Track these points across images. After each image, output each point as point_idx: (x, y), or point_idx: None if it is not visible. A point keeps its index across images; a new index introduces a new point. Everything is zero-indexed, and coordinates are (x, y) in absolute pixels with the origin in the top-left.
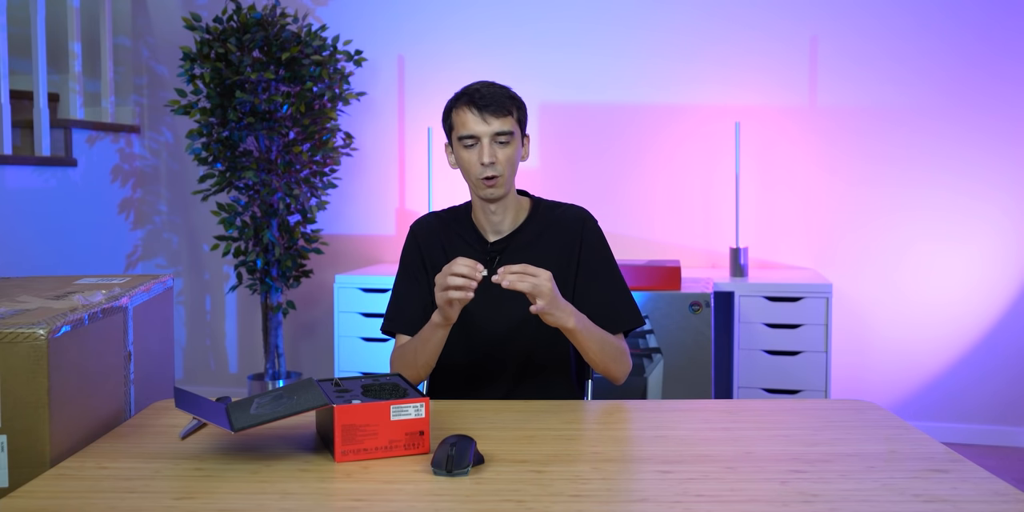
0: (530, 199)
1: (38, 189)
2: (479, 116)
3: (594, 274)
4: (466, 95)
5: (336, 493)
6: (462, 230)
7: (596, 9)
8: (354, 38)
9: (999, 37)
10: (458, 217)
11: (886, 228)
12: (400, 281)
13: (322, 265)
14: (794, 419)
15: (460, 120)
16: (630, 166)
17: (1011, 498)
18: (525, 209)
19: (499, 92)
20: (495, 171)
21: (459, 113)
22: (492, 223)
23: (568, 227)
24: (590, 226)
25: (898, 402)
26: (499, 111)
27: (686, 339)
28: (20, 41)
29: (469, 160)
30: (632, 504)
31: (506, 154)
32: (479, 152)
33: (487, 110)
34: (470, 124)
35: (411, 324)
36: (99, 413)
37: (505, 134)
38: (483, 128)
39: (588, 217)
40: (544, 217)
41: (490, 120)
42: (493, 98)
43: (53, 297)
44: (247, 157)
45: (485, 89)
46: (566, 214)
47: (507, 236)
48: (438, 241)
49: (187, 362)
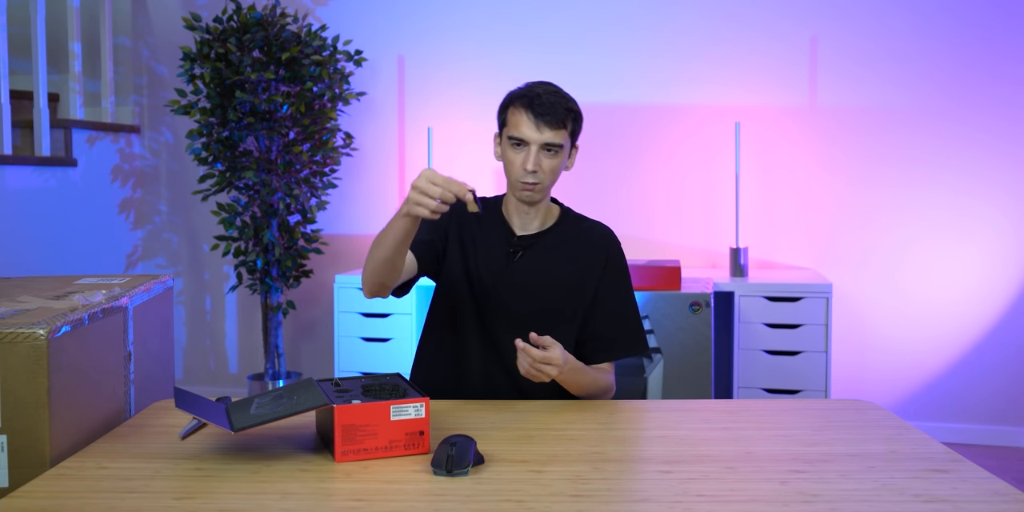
0: (559, 207)
1: (38, 189)
2: (533, 123)
3: (614, 299)
4: (527, 96)
5: (336, 493)
6: (493, 217)
7: (596, 9)
8: (354, 38)
9: (999, 38)
10: (491, 205)
11: (886, 228)
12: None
13: (322, 265)
14: (794, 419)
15: (515, 120)
16: (630, 166)
17: (1011, 498)
18: (554, 215)
19: (559, 103)
20: (536, 179)
21: (515, 113)
22: (522, 220)
23: (595, 242)
24: (616, 246)
25: (898, 402)
26: (554, 123)
27: (686, 339)
28: (20, 41)
29: (513, 160)
30: (632, 504)
31: (551, 164)
32: (525, 156)
33: (542, 119)
34: (522, 128)
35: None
36: (99, 413)
37: (555, 146)
38: (535, 135)
39: (614, 238)
40: (572, 227)
41: (543, 129)
42: (552, 108)
43: (53, 297)
44: (247, 157)
45: (547, 96)
46: (594, 229)
47: (534, 235)
48: (469, 221)
49: (187, 362)
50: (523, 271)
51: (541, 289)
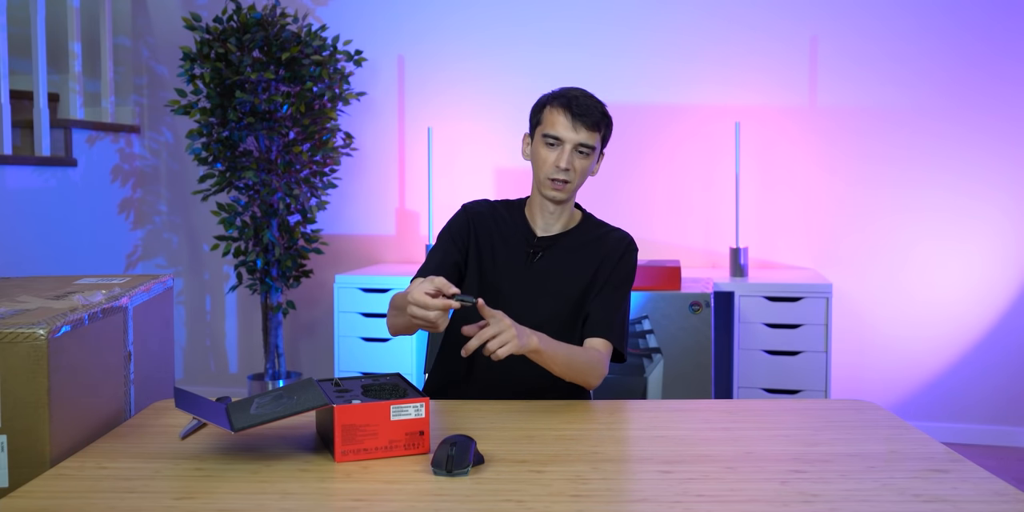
0: (582, 212)
1: (38, 189)
2: (571, 122)
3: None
4: (565, 97)
5: (336, 493)
6: (513, 219)
7: (596, 9)
8: (354, 38)
9: (999, 38)
10: (512, 207)
11: (886, 228)
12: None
13: (322, 265)
14: (794, 419)
15: (551, 119)
16: (630, 166)
17: (1011, 498)
18: (576, 219)
19: (596, 106)
20: (567, 177)
21: (553, 111)
22: (545, 221)
23: (612, 245)
24: (630, 251)
25: (898, 402)
26: (590, 124)
27: (686, 339)
28: (20, 41)
29: (546, 158)
30: (632, 504)
31: (582, 165)
32: (558, 154)
33: (580, 119)
34: (559, 127)
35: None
36: (99, 413)
37: (588, 147)
38: (571, 135)
39: (632, 244)
40: (592, 232)
41: (580, 129)
42: (589, 110)
43: (53, 297)
44: (247, 157)
45: (583, 99)
46: (613, 233)
47: (554, 236)
48: (490, 222)
49: (187, 362)
50: (541, 271)
51: (557, 289)
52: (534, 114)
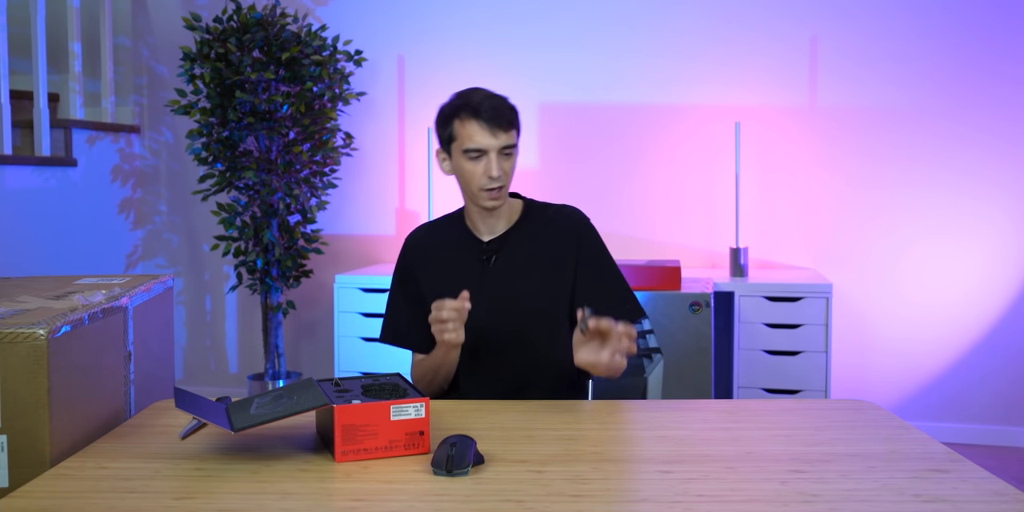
0: (522, 200)
1: (38, 189)
2: (488, 130)
3: (597, 272)
4: (469, 106)
5: (336, 493)
6: (456, 234)
7: (597, 9)
8: (354, 38)
9: (1000, 38)
10: (452, 222)
11: (886, 228)
12: (393, 295)
13: (322, 265)
14: (794, 419)
15: (466, 132)
16: (630, 166)
17: (1011, 498)
18: (517, 210)
19: (502, 104)
20: (500, 183)
21: (465, 125)
22: (487, 225)
23: (563, 227)
24: (585, 225)
25: (898, 402)
26: (506, 124)
27: (686, 339)
28: (20, 41)
29: (473, 171)
30: (632, 504)
31: (509, 165)
32: (486, 165)
33: (494, 123)
34: (477, 138)
35: (405, 336)
36: (99, 413)
37: (511, 147)
38: (492, 142)
39: (582, 216)
40: (537, 217)
41: (498, 134)
42: (499, 111)
43: (53, 297)
44: (247, 157)
45: (488, 101)
46: (559, 214)
47: (501, 236)
48: (429, 252)
49: (187, 362)
50: (500, 274)
51: (523, 286)
52: (442, 129)
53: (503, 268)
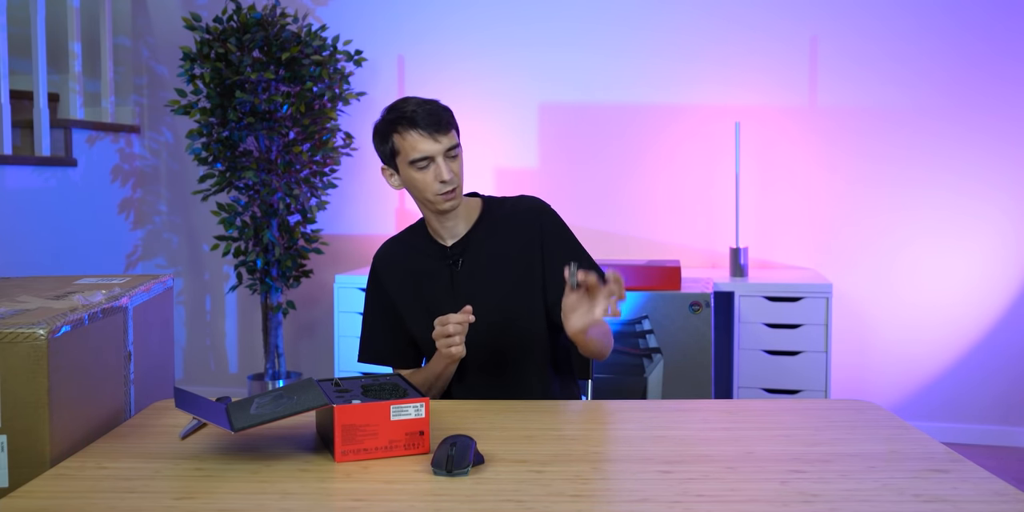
0: (480, 199)
1: (38, 189)
2: (429, 137)
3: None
4: (405, 118)
5: (336, 493)
6: (420, 244)
7: (596, 9)
8: (354, 38)
9: (1000, 37)
10: (414, 233)
11: (886, 228)
12: (367, 314)
13: (322, 265)
14: (794, 419)
15: (408, 144)
16: (630, 166)
17: (1011, 498)
18: (476, 209)
19: (436, 108)
20: (453, 185)
21: (405, 137)
22: (447, 229)
23: (523, 219)
24: (547, 213)
25: (898, 402)
26: (444, 128)
27: (686, 339)
28: (20, 41)
29: (424, 180)
30: (632, 504)
31: (457, 166)
32: (435, 171)
33: (434, 128)
34: (421, 146)
35: (386, 354)
36: (99, 413)
37: (454, 148)
38: (435, 147)
39: (542, 205)
40: (496, 213)
41: (440, 138)
42: (435, 116)
43: (53, 297)
44: (247, 157)
45: (421, 108)
46: (518, 206)
47: (463, 238)
48: (397, 266)
49: (187, 362)
50: (470, 275)
51: (495, 284)
52: (382, 145)
53: (471, 269)
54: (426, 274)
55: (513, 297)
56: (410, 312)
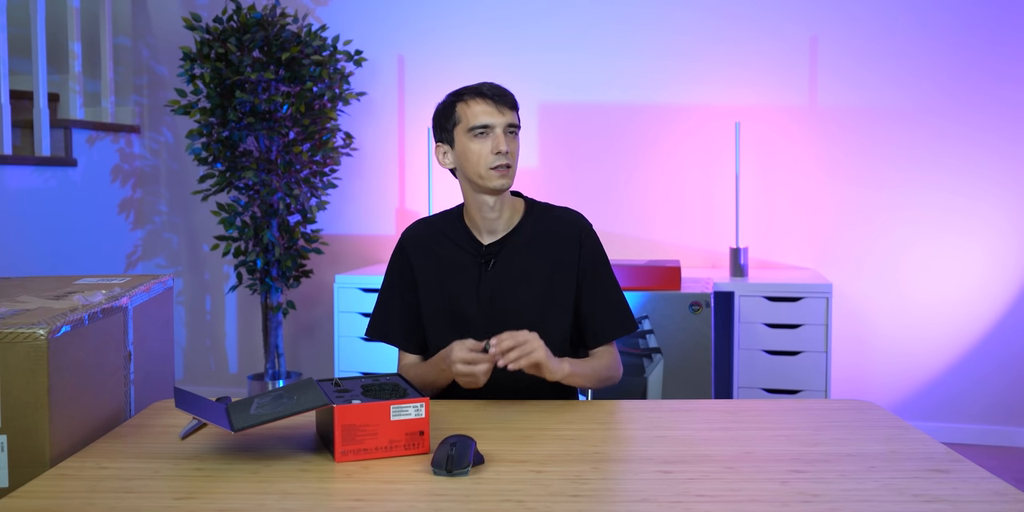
0: (524, 200)
1: (38, 189)
2: (493, 107)
3: (596, 282)
4: (472, 89)
5: (336, 493)
6: (455, 234)
7: (596, 9)
8: (354, 38)
9: (999, 37)
10: (450, 221)
11: (886, 228)
12: (385, 290)
13: (322, 265)
14: (794, 419)
15: (471, 112)
16: (630, 166)
17: (1011, 498)
18: (519, 210)
19: (503, 89)
20: (508, 160)
21: (469, 105)
22: (488, 222)
23: (566, 231)
24: (588, 232)
25: (898, 402)
26: (510, 103)
27: (686, 339)
28: (20, 41)
29: (480, 151)
30: (632, 504)
31: (516, 146)
32: (493, 141)
33: (499, 99)
34: (482, 115)
35: (395, 334)
36: (99, 413)
37: (515, 126)
38: (498, 119)
39: (585, 222)
40: (539, 219)
41: (504, 110)
42: (502, 91)
43: (53, 297)
44: (247, 157)
45: (490, 84)
46: (563, 218)
47: (502, 238)
48: (429, 249)
49: (187, 362)
50: (499, 278)
51: (523, 291)
52: (445, 119)
53: (501, 273)
54: (453, 265)
55: (537, 309)
56: (428, 298)
